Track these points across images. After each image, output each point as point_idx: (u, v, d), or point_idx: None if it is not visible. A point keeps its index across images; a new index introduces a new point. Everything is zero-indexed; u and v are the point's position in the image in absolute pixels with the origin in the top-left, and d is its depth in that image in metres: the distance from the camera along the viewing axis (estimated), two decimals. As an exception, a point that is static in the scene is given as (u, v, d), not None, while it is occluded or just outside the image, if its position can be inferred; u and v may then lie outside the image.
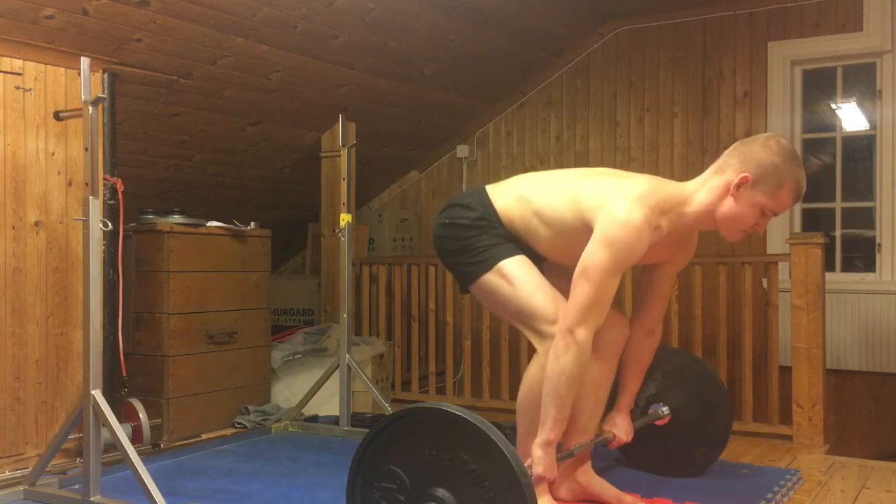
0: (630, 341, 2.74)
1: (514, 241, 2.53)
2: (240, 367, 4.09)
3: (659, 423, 3.01)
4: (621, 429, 2.77)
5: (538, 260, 2.57)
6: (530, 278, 2.46)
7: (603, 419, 2.81)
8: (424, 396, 4.68)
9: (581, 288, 2.31)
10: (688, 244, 2.65)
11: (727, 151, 2.45)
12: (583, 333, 2.29)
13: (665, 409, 3.01)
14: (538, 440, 2.32)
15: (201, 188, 4.74)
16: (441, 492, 1.86)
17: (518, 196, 2.54)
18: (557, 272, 2.58)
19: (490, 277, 2.48)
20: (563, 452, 2.47)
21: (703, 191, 2.42)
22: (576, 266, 2.38)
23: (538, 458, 2.30)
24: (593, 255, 2.31)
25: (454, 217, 2.57)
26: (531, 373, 2.47)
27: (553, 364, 2.31)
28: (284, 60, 4.03)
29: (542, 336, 2.42)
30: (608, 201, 2.35)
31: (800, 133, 4.76)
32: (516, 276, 2.45)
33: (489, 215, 2.53)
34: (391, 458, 1.96)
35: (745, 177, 2.34)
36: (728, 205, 2.38)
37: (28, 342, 3.19)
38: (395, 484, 1.94)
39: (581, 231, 2.40)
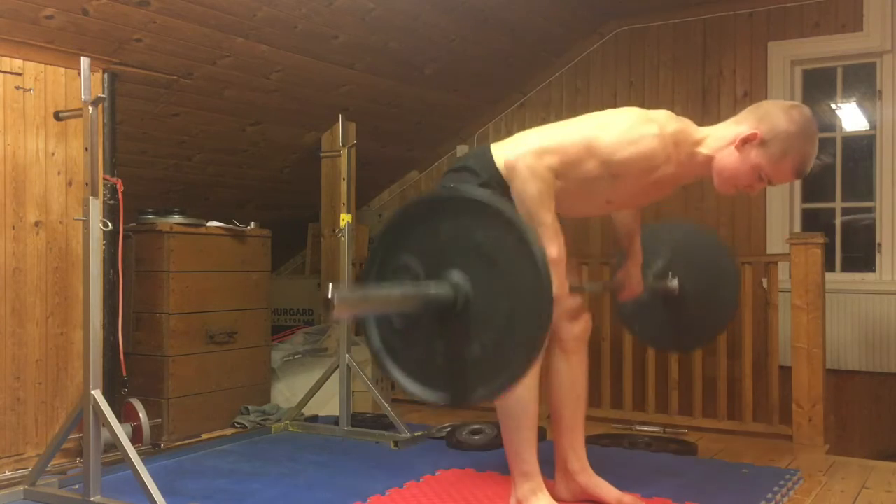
0: (618, 221, 2.79)
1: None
2: (240, 367, 4.09)
3: (667, 294, 3.01)
4: (633, 279, 2.77)
5: None
6: None
7: (615, 272, 2.84)
8: (424, 396, 4.67)
9: (561, 130, 2.32)
10: (685, 178, 2.60)
11: (751, 106, 2.43)
12: (530, 159, 2.28)
13: (674, 282, 3.00)
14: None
15: (201, 188, 4.74)
16: (456, 274, 1.83)
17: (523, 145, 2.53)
18: None
19: None
20: (573, 285, 2.43)
21: (714, 136, 2.41)
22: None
23: None
24: (591, 125, 2.32)
25: (458, 182, 2.53)
26: None
27: (512, 192, 2.32)
28: (284, 60, 4.03)
29: None
30: (621, 117, 2.36)
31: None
32: None
33: (493, 181, 2.47)
34: (405, 248, 1.91)
35: (754, 133, 2.31)
36: (729, 155, 2.36)
37: (28, 342, 3.19)
38: (409, 275, 1.89)
39: (590, 166, 2.35)
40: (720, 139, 2.39)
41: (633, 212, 2.80)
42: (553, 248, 2.26)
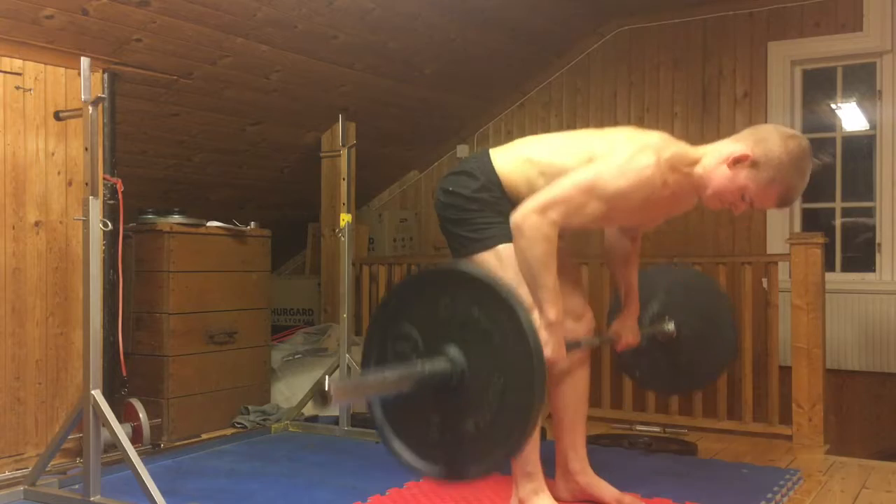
0: (614, 253, 2.78)
1: None
2: (240, 367, 4.09)
3: (664, 338, 3.01)
4: (629, 330, 2.77)
5: None
6: None
7: (610, 323, 2.84)
8: (424, 396, 4.68)
9: (561, 182, 2.30)
10: (686, 200, 2.60)
11: (753, 127, 2.45)
12: (536, 218, 2.25)
13: (671, 325, 3.00)
14: (542, 323, 2.28)
15: (201, 188, 4.74)
16: (453, 349, 1.85)
17: (525, 158, 2.52)
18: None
19: (486, 256, 2.49)
20: (570, 342, 2.44)
21: (712, 154, 2.41)
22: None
23: (544, 339, 2.24)
24: (589, 166, 2.31)
25: (457, 186, 2.55)
26: None
27: (516, 252, 2.30)
28: (284, 60, 4.03)
29: None
30: (619, 146, 2.35)
31: (800, 133, 4.75)
32: (512, 261, 2.45)
33: (491, 185, 2.50)
34: (406, 318, 1.94)
35: (747, 154, 2.32)
36: (720, 172, 2.36)
37: (28, 342, 3.19)
38: (409, 344, 1.92)
39: (591, 207, 2.35)
40: (716, 155, 2.39)
41: (630, 255, 2.77)
42: (552, 311, 2.27)
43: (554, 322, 2.27)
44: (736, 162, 2.33)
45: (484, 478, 1.91)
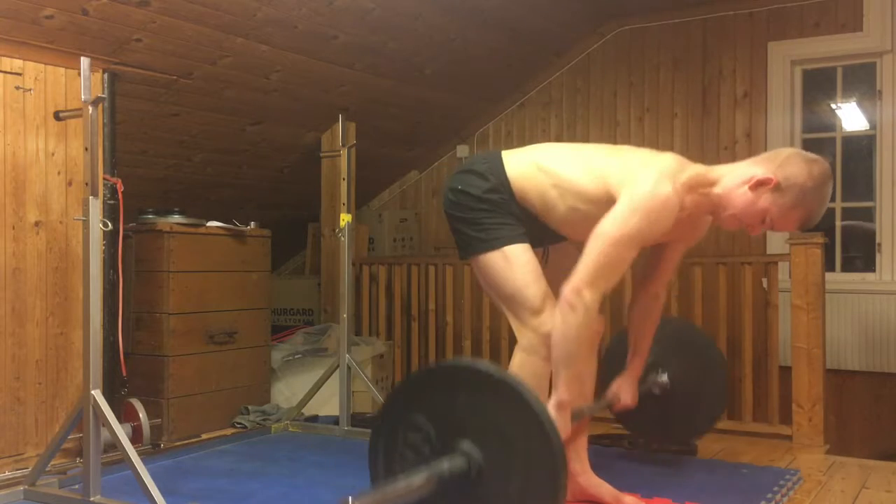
0: (636, 307, 2.80)
1: (524, 220, 2.53)
2: (240, 367, 4.09)
3: (658, 389, 3.02)
4: (627, 392, 2.79)
5: (545, 243, 2.60)
6: (529, 267, 2.48)
7: (610, 382, 2.86)
8: (424, 396, 4.68)
9: (595, 247, 2.30)
10: (701, 223, 2.66)
11: (775, 150, 2.47)
12: (589, 295, 2.27)
13: (664, 377, 3.01)
14: (552, 402, 2.32)
15: (201, 188, 4.74)
16: (467, 444, 1.85)
17: (538, 166, 2.53)
18: (560, 268, 2.63)
19: (493, 256, 2.50)
20: (573, 412, 2.45)
21: (731, 175, 2.43)
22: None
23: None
24: (613, 218, 2.31)
25: (466, 185, 2.55)
26: (513, 367, 2.50)
27: (560, 326, 2.31)
28: (284, 60, 4.03)
29: (524, 324, 2.48)
30: (636, 175, 2.35)
31: (800, 133, 4.76)
32: (519, 262, 2.47)
33: (501, 187, 2.51)
34: (419, 409, 1.95)
35: (770, 178, 2.34)
36: (742, 195, 2.38)
37: (28, 342, 3.19)
38: (421, 435, 1.92)
39: (603, 205, 2.39)
40: (736, 177, 2.41)
41: (652, 311, 2.80)
42: (567, 393, 2.33)
43: (565, 403, 2.33)
44: (759, 185, 2.36)
45: None
